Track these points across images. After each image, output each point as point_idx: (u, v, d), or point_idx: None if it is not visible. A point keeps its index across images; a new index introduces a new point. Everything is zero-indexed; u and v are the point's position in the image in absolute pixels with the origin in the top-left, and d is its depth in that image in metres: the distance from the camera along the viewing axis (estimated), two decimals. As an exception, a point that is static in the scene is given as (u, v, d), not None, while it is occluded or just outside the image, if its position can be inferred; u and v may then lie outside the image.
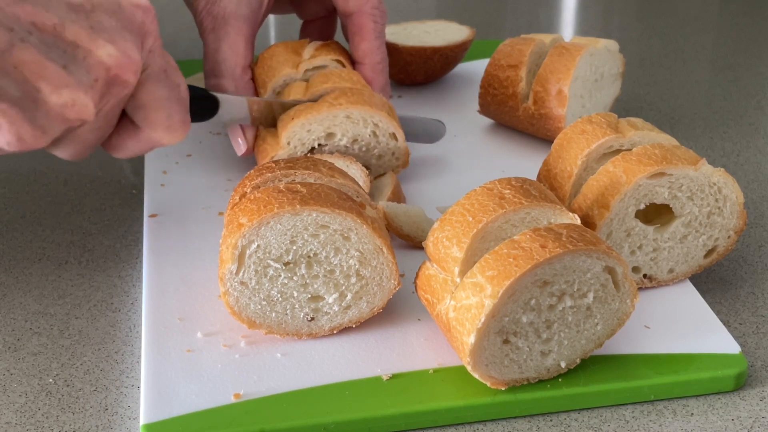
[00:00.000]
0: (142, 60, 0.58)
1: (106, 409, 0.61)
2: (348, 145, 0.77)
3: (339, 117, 0.76)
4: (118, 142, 0.62)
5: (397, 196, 0.76)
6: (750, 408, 0.61)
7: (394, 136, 0.78)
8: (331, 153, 0.77)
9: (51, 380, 0.63)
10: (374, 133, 0.77)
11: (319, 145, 0.77)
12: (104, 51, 0.55)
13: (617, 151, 0.69)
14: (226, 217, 0.65)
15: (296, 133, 0.75)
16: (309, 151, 0.77)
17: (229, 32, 0.78)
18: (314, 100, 0.77)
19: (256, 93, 0.81)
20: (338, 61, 0.82)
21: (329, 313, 0.63)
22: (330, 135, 0.76)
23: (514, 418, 0.60)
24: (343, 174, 0.67)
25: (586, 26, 1.30)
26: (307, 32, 0.89)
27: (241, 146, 0.80)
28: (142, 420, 0.57)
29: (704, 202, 0.67)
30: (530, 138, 0.89)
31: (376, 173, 0.80)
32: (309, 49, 0.82)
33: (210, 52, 0.79)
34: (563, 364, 0.60)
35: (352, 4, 0.81)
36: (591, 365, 0.61)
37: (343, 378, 0.60)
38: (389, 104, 0.79)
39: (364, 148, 0.77)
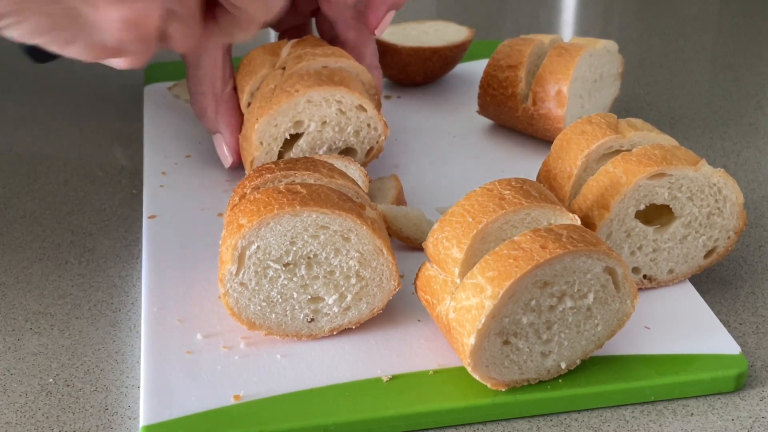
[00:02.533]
0: None
1: (106, 409, 0.61)
2: (319, 129, 0.76)
3: (300, 104, 0.75)
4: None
5: (400, 201, 0.76)
6: (750, 408, 0.61)
7: (361, 107, 0.77)
8: (308, 143, 0.76)
9: (51, 380, 0.63)
10: (340, 111, 0.76)
11: (291, 135, 0.76)
12: None
13: (617, 152, 0.69)
14: (226, 218, 0.64)
15: (265, 131, 0.75)
16: (284, 144, 0.76)
17: (207, 47, 0.78)
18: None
19: (238, 100, 0.81)
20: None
21: (329, 314, 0.63)
22: (298, 123, 0.76)
23: (515, 419, 0.60)
24: (343, 175, 0.67)
25: (586, 26, 1.30)
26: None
27: (227, 158, 0.80)
28: (142, 422, 0.57)
29: (704, 203, 0.67)
30: (530, 138, 0.89)
31: (362, 151, 0.79)
32: (286, 48, 0.82)
33: (191, 69, 0.79)
34: (563, 365, 0.60)
35: None
36: (591, 366, 0.61)
37: (343, 379, 0.60)
38: (351, 78, 0.78)
39: (337, 129, 0.77)
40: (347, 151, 0.79)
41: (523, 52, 0.87)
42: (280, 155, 0.77)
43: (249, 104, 0.79)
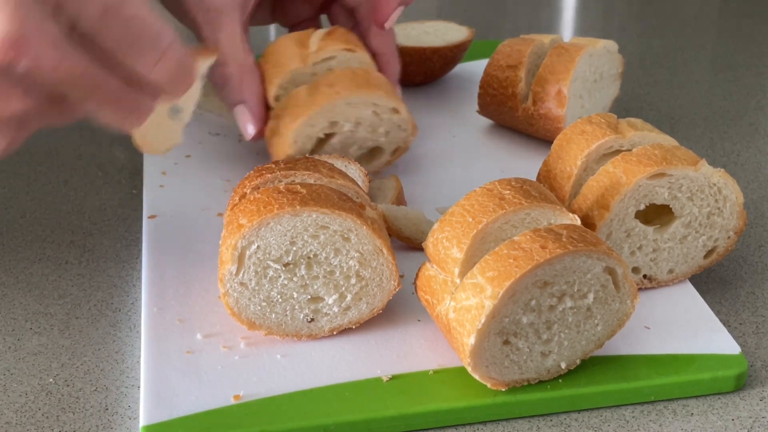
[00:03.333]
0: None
1: (106, 409, 0.61)
2: (353, 129, 0.77)
3: (339, 106, 0.76)
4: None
5: (400, 201, 0.76)
6: (750, 408, 0.61)
7: (395, 110, 0.78)
8: (341, 142, 0.77)
9: (51, 380, 0.63)
10: (375, 113, 0.77)
11: (326, 135, 0.77)
12: None
13: (617, 152, 0.69)
14: (226, 218, 0.64)
15: (302, 132, 0.76)
16: (317, 142, 0.77)
17: (224, 21, 0.78)
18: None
19: (263, 81, 0.79)
20: (347, 50, 0.80)
21: (329, 314, 0.63)
22: (333, 123, 0.77)
23: (515, 419, 0.60)
24: (343, 175, 0.67)
25: (586, 26, 1.30)
26: None
27: (249, 130, 0.78)
28: (142, 422, 0.57)
29: (704, 203, 0.67)
30: (530, 138, 0.89)
31: (389, 149, 0.80)
32: (315, 40, 0.80)
33: (210, 45, 0.79)
34: (563, 365, 0.60)
35: None
36: (591, 366, 0.61)
37: (343, 379, 0.60)
38: (384, 80, 0.79)
39: (369, 129, 0.78)
40: (374, 150, 0.80)
41: (523, 52, 0.87)
42: (311, 153, 0.77)
43: (277, 97, 0.79)
